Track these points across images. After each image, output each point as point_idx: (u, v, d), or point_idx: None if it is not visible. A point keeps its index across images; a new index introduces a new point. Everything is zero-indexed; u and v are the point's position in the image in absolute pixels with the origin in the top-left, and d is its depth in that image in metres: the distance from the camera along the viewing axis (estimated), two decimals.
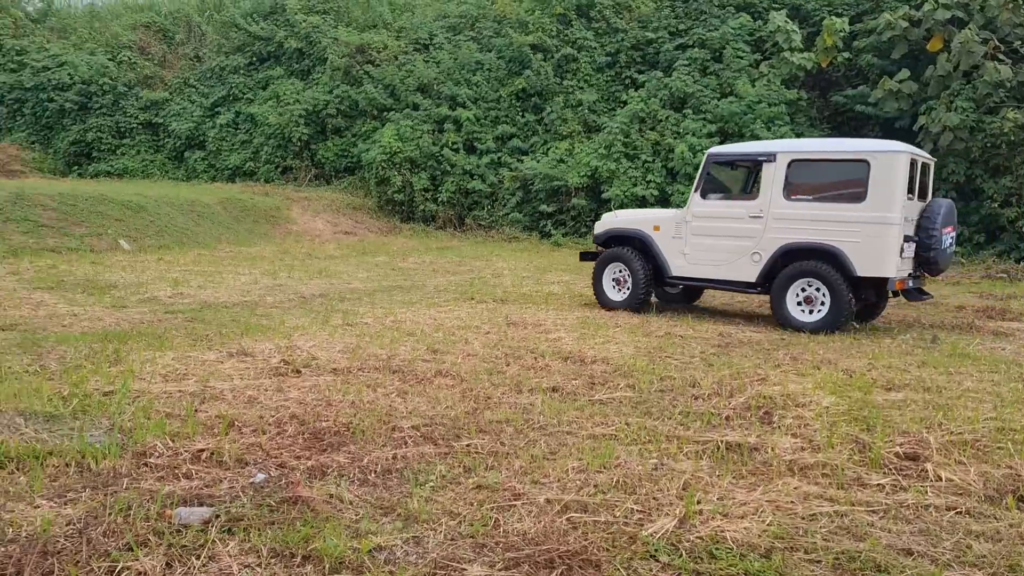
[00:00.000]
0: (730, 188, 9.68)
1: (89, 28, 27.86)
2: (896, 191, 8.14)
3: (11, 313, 8.09)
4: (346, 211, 21.51)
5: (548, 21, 21.74)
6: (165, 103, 25.39)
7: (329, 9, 25.07)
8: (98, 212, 15.74)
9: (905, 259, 8.40)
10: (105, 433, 4.34)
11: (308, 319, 8.29)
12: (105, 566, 2.90)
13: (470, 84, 22.00)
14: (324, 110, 22.83)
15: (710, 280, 9.33)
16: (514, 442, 4.45)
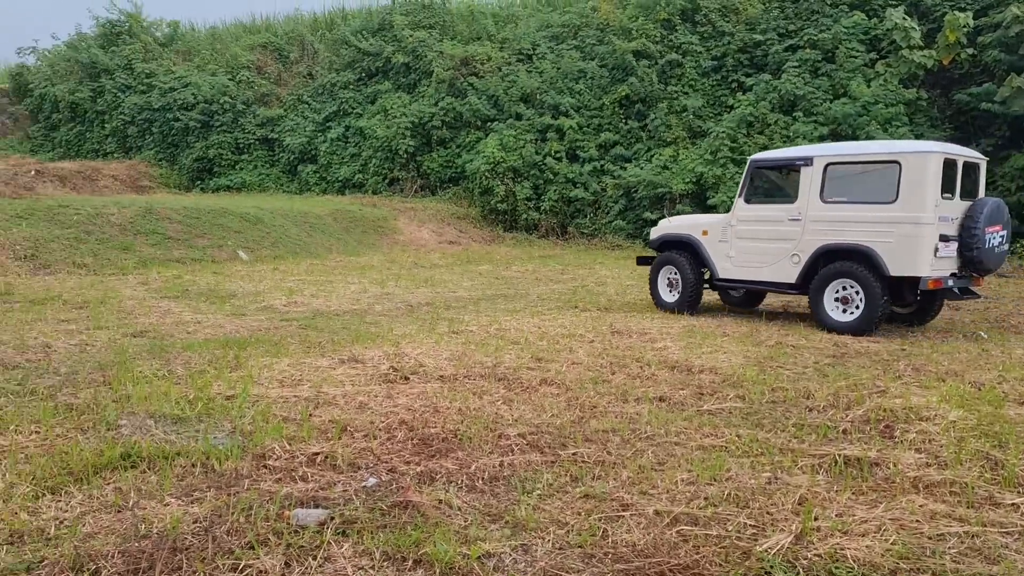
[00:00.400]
0: (772, 192, 9.80)
1: (211, 50, 29.35)
2: (927, 191, 8.18)
3: (141, 320, 8.57)
4: (451, 221, 21.87)
5: (652, 27, 21.54)
6: (280, 119, 26.45)
7: (435, 24, 25.60)
8: (219, 225, 16.53)
9: (942, 259, 8.39)
10: (227, 436, 4.53)
11: (415, 327, 8.45)
12: (229, 563, 3.02)
13: (573, 93, 22.02)
14: (429, 122, 23.29)
15: (754, 281, 9.56)
16: (621, 452, 4.40)
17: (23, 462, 4.04)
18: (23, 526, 3.31)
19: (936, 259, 8.33)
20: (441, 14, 25.93)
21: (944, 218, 8.37)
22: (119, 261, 13.58)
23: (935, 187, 8.21)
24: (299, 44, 28.42)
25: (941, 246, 8.34)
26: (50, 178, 22.98)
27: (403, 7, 26.15)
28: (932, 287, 8.37)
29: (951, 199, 8.45)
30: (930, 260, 8.27)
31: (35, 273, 12.24)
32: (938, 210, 8.26)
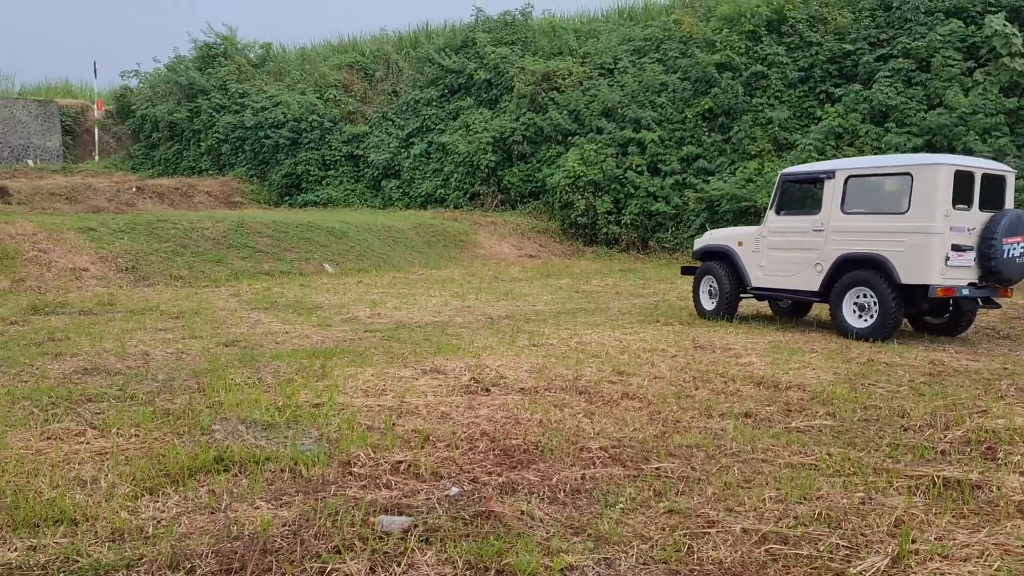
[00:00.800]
0: (800, 205, 10.15)
1: (301, 70, 30.29)
2: (937, 202, 8.49)
3: (233, 330, 8.87)
4: (530, 235, 21.94)
5: (737, 39, 21.23)
6: (365, 136, 27.07)
7: (517, 40, 25.83)
8: (306, 239, 17.00)
9: (954, 267, 8.62)
10: (314, 442, 4.64)
11: (495, 339, 8.49)
12: (316, 566, 3.09)
13: (654, 106, 21.86)
14: (510, 137, 23.45)
15: (782, 290, 10.02)
16: (705, 467, 4.32)
17: (124, 463, 4.21)
18: (123, 524, 3.45)
19: (947, 268, 8.58)
20: (523, 30, 26.14)
21: (958, 228, 8.61)
22: (212, 273, 14.10)
23: (945, 198, 8.50)
24: (384, 63, 29.07)
25: (953, 255, 8.59)
26: (150, 194, 24.07)
27: (486, 24, 26.47)
28: (941, 295, 8.59)
29: (967, 210, 8.67)
30: (940, 268, 8.54)
31: (135, 285, 12.81)
32: (949, 220, 8.53)
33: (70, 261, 12.94)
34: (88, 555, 3.15)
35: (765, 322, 10.38)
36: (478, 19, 26.83)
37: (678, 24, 23.03)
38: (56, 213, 18.23)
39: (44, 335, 8.12)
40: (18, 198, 20.88)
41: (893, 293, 8.71)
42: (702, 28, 22.33)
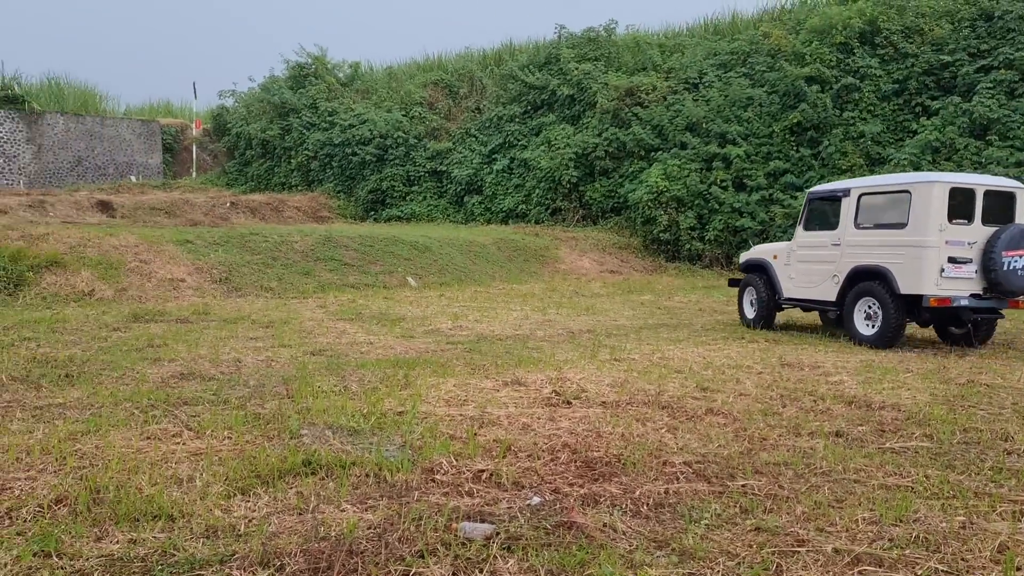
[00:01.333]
0: (822, 221, 10.66)
1: (387, 88, 31.01)
2: (931, 217, 9.04)
3: (320, 340, 9.09)
4: (612, 250, 21.83)
5: (827, 51, 20.75)
6: (448, 152, 27.48)
7: (600, 56, 25.85)
8: (390, 252, 17.33)
9: (951, 279, 9.10)
10: (398, 449, 4.71)
11: (576, 353, 8.46)
12: (400, 570, 3.12)
13: (740, 120, 21.51)
14: (593, 152, 23.44)
15: (806, 300, 10.68)
16: (794, 486, 4.20)
17: (217, 464, 4.36)
18: (217, 522, 3.56)
19: (942, 279, 9.09)
20: (606, 46, 26.15)
21: (956, 242, 9.11)
22: (300, 285, 14.50)
23: (940, 213, 9.05)
24: (468, 80, 29.50)
25: (950, 267, 9.10)
26: (243, 209, 24.96)
27: (569, 41, 26.59)
28: (934, 305, 9.04)
29: (967, 224, 9.17)
30: (935, 280, 9.07)
31: (228, 295, 13.28)
32: (944, 234, 9.07)
33: (169, 272, 13.51)
34: (184, 550, 3.27)
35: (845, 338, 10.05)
36: (561, 36, 26.98)
37: (766, 37, 22.66)
38: (156, 226, 19.09)
39: (144, 341, 8.49)
40: (122, 212, 21.95)
41: (894, 302, 9.24)
42: (791, 41, 21.91)
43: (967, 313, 9.36)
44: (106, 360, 7.35)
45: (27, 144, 28.45)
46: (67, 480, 4.00)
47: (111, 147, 30.83)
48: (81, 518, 3.56)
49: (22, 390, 6.09)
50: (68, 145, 29.56)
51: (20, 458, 4.35)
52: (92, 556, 3.20)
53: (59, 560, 3.17)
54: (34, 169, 28.60)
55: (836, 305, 10.07)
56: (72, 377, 6.59)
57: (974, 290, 9.19)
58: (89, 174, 29.99)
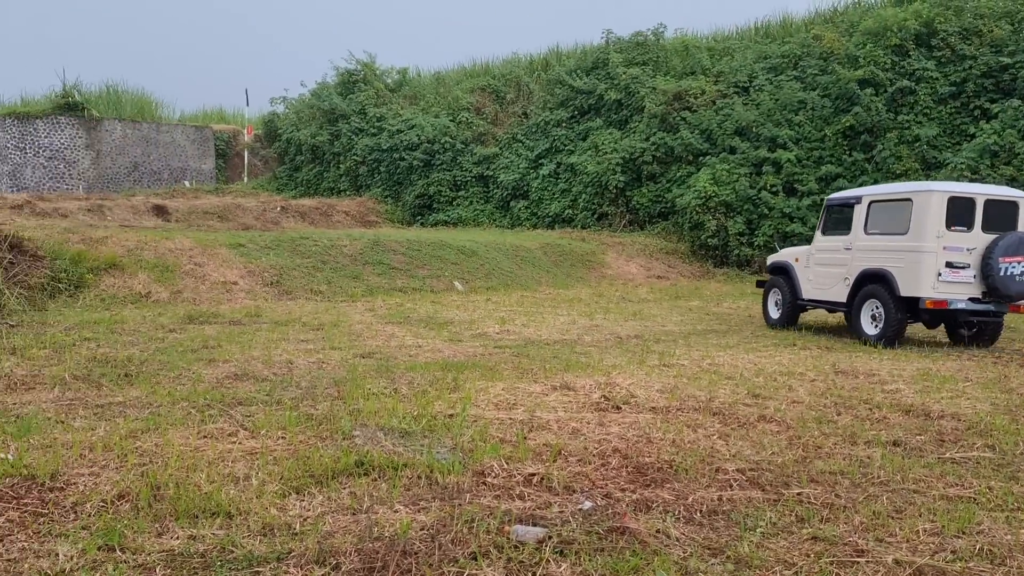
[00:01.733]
0: (838, 226, 11.18)
1: (435, 93, 31.23)
2: (929, 224, 9.64)
3: (370, 343, 9.19)
4: (659, 255, 21.67)
5: (882, 54, 20.35)
6: (495, 157, 27.56)
7: (648, 60, 25.71)
8: (437, 257, 17.44)
9: (948, 283, 9.66)
10: (449, 451, 4.73)
11: (625, 359, 8.42)
12: (454, 571, 3.14)
13: (791, 124, 21.21)
14: (640, 157, 23.30)
15: (821, 301, 11.25)
16: (851, 495, 4.12)
17: (272, 463, 4.43)
18: (273, 520, 3.62)
19: (939, 283, 9.66)
20: (654, 50, 26.00)
21: (954, 248, 9.67)
22: (349, 289, 14.67)
23: (938, 221, 9.62)
24: (515, 85, 29.56)
25: (947, 272, 9.67)
26: (293, 213, 25.34)
27: (617, 45, 26.50)
28: (930, 307, 9.63)
29: (966, 231, 9.70)
30: (932, 283, 9.64)
31: (279, 298, 13.50)
32: (941, 240, 9.63)
33: (222, 275, 13.77)
34: (242, 547, 3.33)
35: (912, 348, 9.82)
36: (609, 40, 26.90)
37: (818, 40, 22.31)
38: (210, 230, 19.47)
39: (199, 343, 8.67)
40: (176, 216, 22.45)
41: (894, 304, 9.84)
42: (844, 43, 21.54)
43: (963, 315, 9.91)
44: (163, 360, 7.52)
45: (86, 150, 29.27)
46: (128, 476, 4.10)
47: (166, 153, 31.57)
48: (143, 514, 3.65)
49: (84, 388, 6.26)
50: (125, 151, 30.34)
51: (83, 454, 4.47)
52: (154, 551, 3.28)
53: (122, 554, 3.25)
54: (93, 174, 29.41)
55: (847, 306, 10.64)
56: (131, 376, 6.76)
57: (973, 294, 9.72)
58: (145, 179, 30.74)
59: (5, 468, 4.12)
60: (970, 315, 9.88)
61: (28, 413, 5.38)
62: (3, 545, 3.30)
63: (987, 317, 9.95)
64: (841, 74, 20.48)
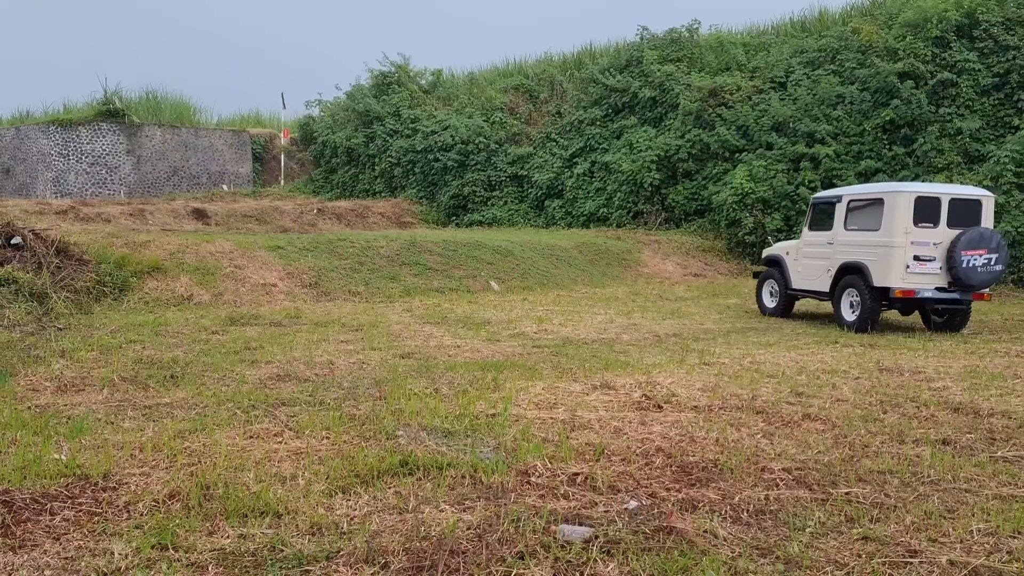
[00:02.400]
0: (822, 223, 12.21)
1: (468, 94, 31.30)
2: (899, 221, 10.69)
3: (408, 343, 9.24)
4: (695, 253, 21.50)
5: (922, 46, 19.99)
6: (529, 157, 27.54)
7: (682, 56, 25.52)
8: (473, 257, 17.49)
9: (916, 274, 10.71)
10: (492, 451, 4.74)
11: (664, 357, 8.37)
12: (501, 570, 3.15)
13: (829, 119, 20.91)
14: (675, 155, 23.14)
15: (808, 291, 12.37)
16: (901, 495, 4.05)
17: (317, 463, 4.48)
18: (321, 519, 3.66)
19: (907, 274, 10.71)
20: (689, 47, 25.79)
21: (921, 242, 10.70)
22: (387, 289, 14.77)
23: (906, 218, 10.67)
24: (549, 84, 29.52)
25: (915, 264, 10.70)
26: (329, 216, 25.58)
27: (651, 42, 26.33)
28: (899, 295, 10.75)
29: (932, 228, 10.72)
30: (900, 274, 10.70)
31: (318, 299, 13.63)
32: (909, 236, 10.66)
33: (261, 277, 13.95)
34: (291, 545, 3.37)
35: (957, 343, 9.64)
36: (643, 37, 26.74)
37: (856, 33, 21.97)
38: (248, 233, 19.73)
39: (241, 344, 8.78)
40: (215, 220, 22.78)
41: (869, 293, 10.87)
42: (883, 36, 21.19)
43: (930, 303, 11.03)
44: (207, 362, 7.64)
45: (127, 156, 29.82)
46: (178, 476, 4.18)
47: (204, 157, 32.04)
48: (193, 513, 3.71)
49: (132, 390, 6.38)
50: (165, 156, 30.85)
51: (134, 455, 4.56)
52: (205, 550, 3.33)
53: (175, 553, 3.31)
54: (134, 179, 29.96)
55: (829, 295, 11.76)
56: (177, 378, 6.87)
57: (939, 284, 10.75)
58: (184, 183, 31.24)
59: (59, 468, 4.21)
60: (936, 303, 10.98)
61: (79, 414, 5.50)
62: (60, 544, 3.38)
63: (953, 305, 10.99)
64: (880, 67, 20.15)
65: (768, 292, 13.22)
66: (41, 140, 28.81)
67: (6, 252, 11.41)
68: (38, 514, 3.66)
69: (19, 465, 4.22)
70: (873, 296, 10.84)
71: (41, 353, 7.81)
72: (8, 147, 30.05)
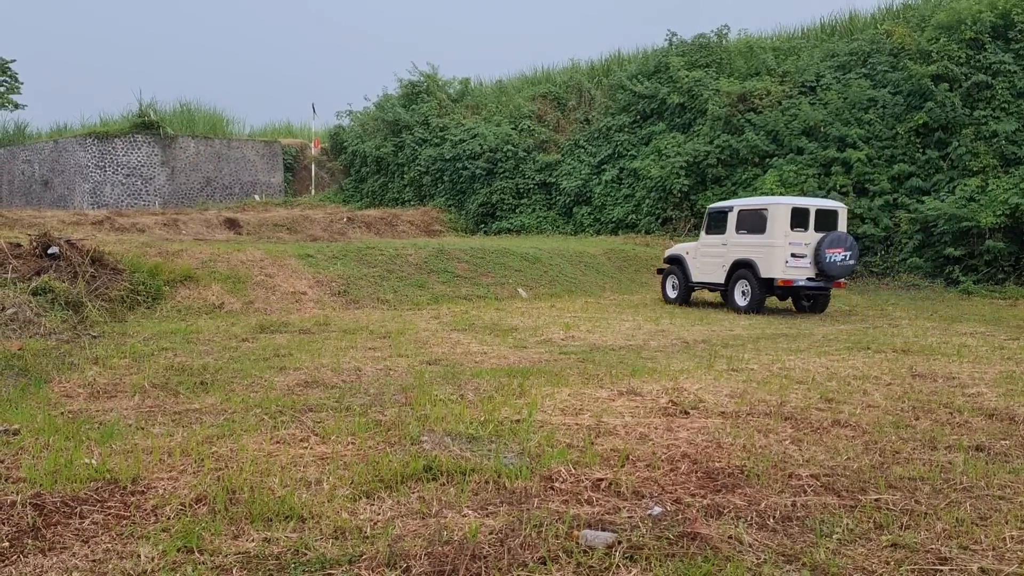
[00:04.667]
0: (717, 228, 15.05)
1: (496, 102, 31.41)
2: (779, 227, 13.74)
3: (436, 350, 9.26)
4: None
5: (956, 48, 19.70)
6: (557, 164, 27.57)
7: (711, 62, 25.40)
8: (501, 264, 17.51)
9: (793, 268, 13.70)
10: (516, 456, 4.73)
11: (692, 363, 8.30)
12: (523, 575, 3.13)
13: (861, 123, 20.67)
14: (704, 160, 23.03)
15: (706, 283, 15.28)
16: (932, 502, 3.98)
17: (342, 468, 4.50)
18: (344, 524, 3.67)
19: (787, 268, 13.68)
20: (718, 52, 25.67)
21: (796, 243, 13.74)
22: (415, 297, 14.84)
23: (784, 225, 13.74)
24: (577, 91, 29.54)
25: (792, 260, 13.71)
26: (359, 224, 25.79)
27: (679, 48, 26.26)
28: (781, 284, 13.78)
29: (804, 232, 13.80)
30: (781, 268, 13.70)
31: (347, 307, 13.73)
32: (788, 238, 13.71)
33: (291, 285, 14.08)
34: (315, 549, 3.39)
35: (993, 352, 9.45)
36: (672, 43, 26.67)
37: (888, 36, 21.72)
38: (279, 242, 19.95)
39: (270, 351, 8.87)
40: (247, 229, 23.06)
41: (757, 283, 13.90)
42: (915, 38, 20.92)
43: (803, 290, 14.07)
44: (236, 369, 7.72)
45: (162, 167, 30.32)
46: (205, 481, 4.22)
47: (237, 167, 32.47)
48: (219, 517, 3.74)
49: (162, 396, 6.47)
50: (198, 167, 31.32)
51: (163, 459, 4.61)
52: (230, 553, 3.36)
53: (201, 556, 3.34)
54: (168, 190, 30.44)
55: (724, 285, 14.66)
56: (206, 384, 6.95)
57: (809, 275, 13.78)
58: (217, 193, 31.68)
59: (90, 472, 4.28)
60: (807, 290, 14.06)
61: (110, 420, 5.58)
62: (88, 546, 3.43)
63: (818, 291, 14.12)
64: (913, 70, 19.90)
65: (671, 285, 16.04)
66: (79, 152, 29.39)
67: (43, 262, 11.64)
68: (68, 517, 3.71)
69: (51, 469, 4.29)
70: (761, 285, 13.83)
71: (75, 360, 7.95)
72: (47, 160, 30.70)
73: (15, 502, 3.77)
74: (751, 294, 13.94)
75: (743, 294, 14.13)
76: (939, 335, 10.91)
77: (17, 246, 12.05)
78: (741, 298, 14.16)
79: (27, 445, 4.83)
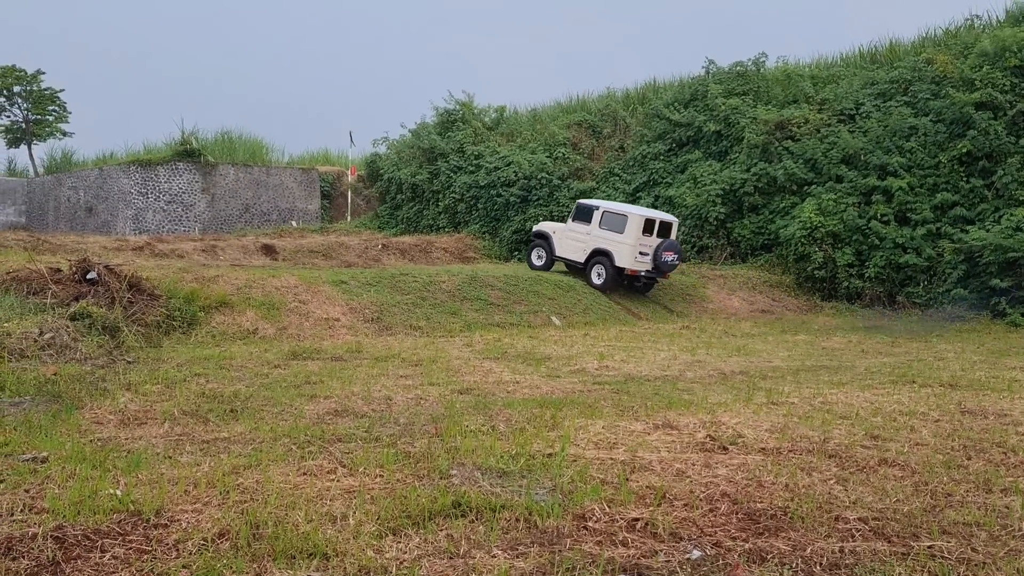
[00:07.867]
0: (583, 218, 19.15)
1: (531, 130, 31.47)
2: (634, 231, 18.13)
3: (467, 379, 9.14)
4: (762, 288, 21.01)
5: (1000, 76, 19.33)
6: (592, 192, 27.44)
7: (748, 90, 25.21)
8: (534, 292, 17.39)
9: (639, 262, 18.18)
10: (548, 493, 4.57)
11: (730, 396, 8.08)
12: None
13: (902, 151, 20.31)
14: (741, 188, 22.78)
15: (567, 259, 19.47)
16: (990, 549, 3.75)
17: (369, 502, 4.38)
18: (369, 563, 3.55)
19: (635, 262, 18.12)
20: (755, 80, 25.48)
21: (643, 244, 18.10)
22: (447, 324, 14.76)
23: (637, 230, 18.09)
24: (612, 119, 29.49)
25: (639, 256, 18.10)
26: (393, 251, 25.86)
27: (717, 76, 26.12)
28: (630, 273, 18.37)
29: (650, 236, 18.19)
30: (631, 261, 18.14)
31: (379, 334, 13.68)
32: (638, 240, 18.03)
33: (325, 311, 14.09)
34: None
35: None
36: (709, 71, 26.54)
37: (930, 63, 21.40)
38: (314, 268, 20.04)
39: (302, 378, 8.82)
40: (283, 255, 23.24)
41: (612, 269, 18.27)
42: (958, 66, 20.58)
43: (642, 279, 18.61)
44: (267, 396, 7.66)
45: (202, 194, 30.78)
46: (229, 514, 4.12)
47: (275, 194, 32.86)
48: (241, 553, 3.64)
49: (192, 424, 6.42)
50: (237, 193, 31.75)
51: (188, 491, 4.53)
52: None
53: None
54: (208, 216, 30.86)
55: (583, 265, 18.88)
56: (236, 412, 6.90)
57: (648, 268, 18.25)
58: (255, 220, 32.05)
59: (114, 503, 4.20)
60: (646, 279, 18.61)
61: (138, 448, 5.53)
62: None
63: (652, 280, 18.78)
64: (956, 98, 19.55)
65: (536, 256, 20.32)
66: (122, 179, 29.97)
67: (82, 287, 11.77)
68: (88, 551, 3.64)
69: (75, 500, 4.23)
70: (615, 271, 18.29)
71: (109, 386, 7.96)
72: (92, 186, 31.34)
73: (36, 535, 3.71)
74: (606, 276, 18.35)
75: (599, 275, 18.49)
76: (987, 369, 10.55)
77: (57, 271, 12.21)
78: (596, 278, 18.55)
79: (53, 473, 4.78)
